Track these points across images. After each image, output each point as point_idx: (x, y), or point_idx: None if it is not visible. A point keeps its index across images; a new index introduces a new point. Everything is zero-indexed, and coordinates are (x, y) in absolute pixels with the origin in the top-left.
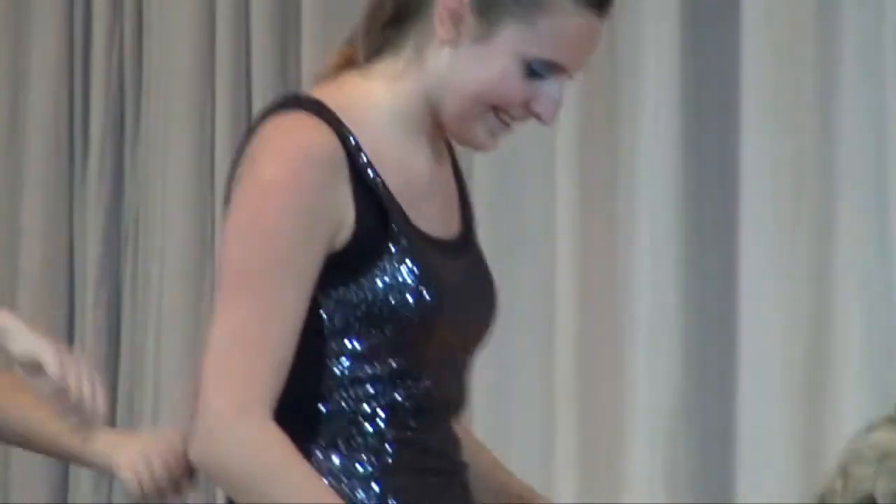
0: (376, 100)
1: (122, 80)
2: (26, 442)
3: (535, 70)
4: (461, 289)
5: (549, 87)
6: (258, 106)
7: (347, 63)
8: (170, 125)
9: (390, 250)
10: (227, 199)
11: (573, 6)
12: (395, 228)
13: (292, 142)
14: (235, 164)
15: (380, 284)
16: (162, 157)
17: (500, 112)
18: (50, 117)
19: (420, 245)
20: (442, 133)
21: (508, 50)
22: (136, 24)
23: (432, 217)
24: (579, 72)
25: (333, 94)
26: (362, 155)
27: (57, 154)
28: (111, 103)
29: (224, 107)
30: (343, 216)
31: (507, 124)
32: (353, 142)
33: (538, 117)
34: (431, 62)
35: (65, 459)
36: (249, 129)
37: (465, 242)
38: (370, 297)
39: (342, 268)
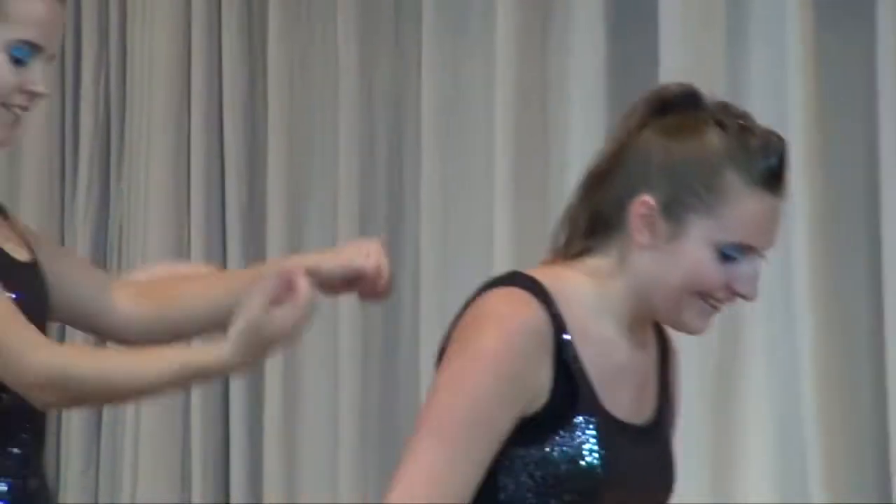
0: (586, 290)
1: (108, 109)
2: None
3: (727, 254)
4: (638, 469)
5: (744, 267)
6: (229, 134)
7: (554, 260)
8: (150, 149)
9: (574, 423)
10: (440, 353)
11: (749, 190)
12: (583, 405)
13: (507, 314)
14: (454, 322)
15: (558, 451)
16: (143, 177)
17: (705, 297)
18: (43, 141)
19: (603, 423)
20: (649, 325)
21: (700, 242)
22: (120, 62)
23: (623, 400)
24: (770, 248)
25: (547, 276)
26: (566, 333)
27: (50, 174)
28: (98, 130)
29: (198, 133)
30: (541, 386)
31: (714, 307)
32: (560, 320)
33: (741, 296)
34: (635, 264)
35: None
36: (470, 298)
37: (655, 429)
38: (547, 460)
39: (528, 429)
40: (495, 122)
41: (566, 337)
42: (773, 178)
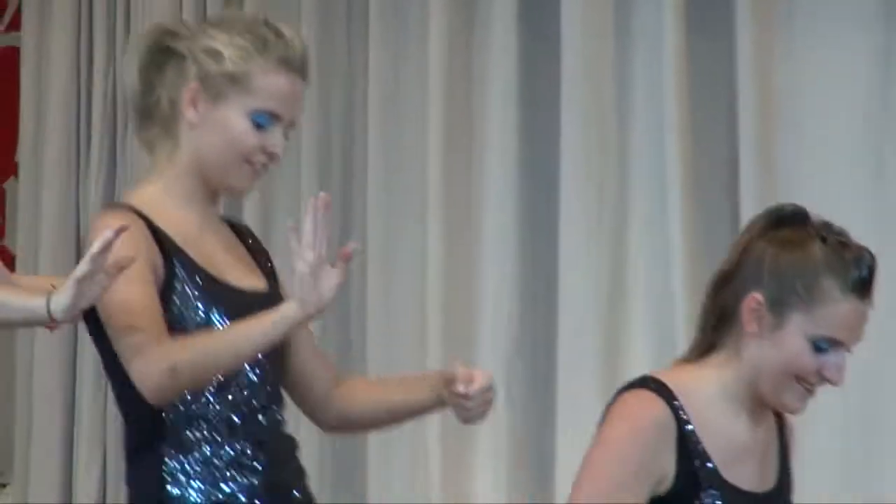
0: (706, 382)
1: (115, 99)
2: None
3: (819, 346)
4: None
5: (833, 357)
6: None
7: (686, 361)
8: None
9: (701, 498)
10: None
11: (842, 296)
12: (706, 483)
13: (634, 412)
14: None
15: None
16: (144, 159)
17: (801, 380)
18: (63, 123)
19: (727, 495)
20: (765, 406)
21: (798, 334)
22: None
23: (746, 474)
24: (856, 343)
25: (673, 378)
26: (689, 425)
27: (68, 149)
28: (107, 114)
29: None
30: (666, 471)
31: (808, 390)
32: (682, 414)
33: (828, 381)
34: (745, 352)
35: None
36: (609, 402)
37: (777, 495)
38: None
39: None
40: (429, 116)
41: (688, 428)
42: (862, 287)
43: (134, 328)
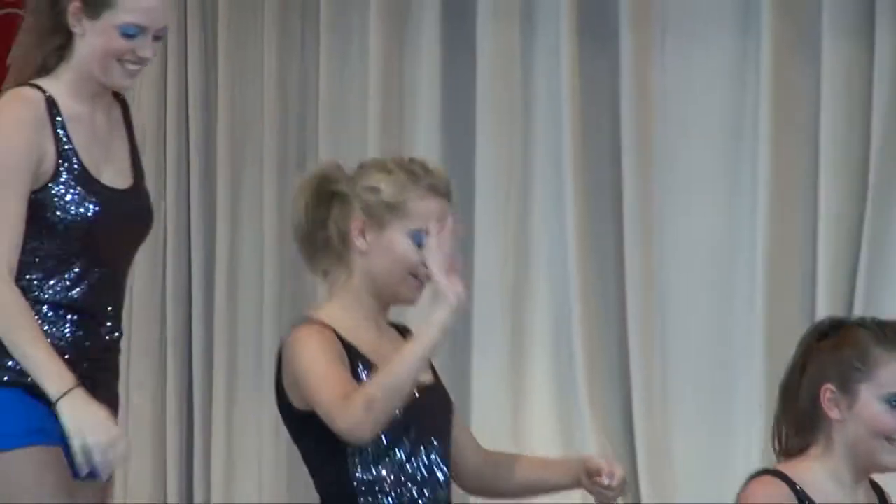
0: (815, 471)
1: None
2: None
3: (891, 402)
4: None
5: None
6: (193, 125)
7: (788, 459)
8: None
9: None
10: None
11: (890, 356)
12: None
13: (762, 492)
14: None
15: None
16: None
17: (891, 441)
18: None
19: None
20: (866, 478)
21: (871, 400)
22: None
23: None
24: None
25: (788, 468)
26: (806, 501)
27: None
28: None
29: (172, 123)
30: None
31: None
32: (802, 494)
33: None
34: (836, 437)
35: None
36: (739, 491)
37: None
38: None
39: None
40: (368, 114)
41: (807, 500)
42: None
43: (331, 389)
